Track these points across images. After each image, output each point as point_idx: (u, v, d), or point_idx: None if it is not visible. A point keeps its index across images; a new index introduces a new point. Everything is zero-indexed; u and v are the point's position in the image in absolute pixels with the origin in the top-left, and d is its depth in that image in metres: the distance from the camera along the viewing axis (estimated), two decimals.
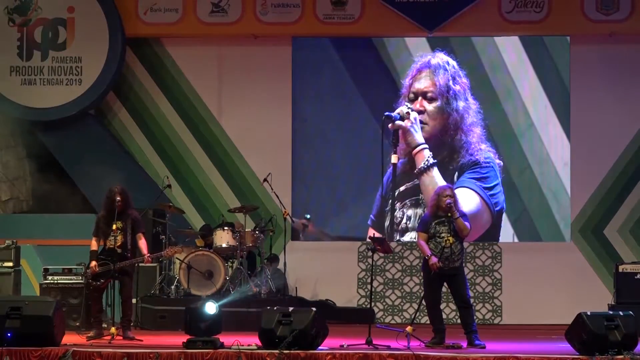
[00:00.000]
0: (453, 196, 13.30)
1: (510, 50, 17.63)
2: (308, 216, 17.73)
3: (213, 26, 17.61)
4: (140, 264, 14.76)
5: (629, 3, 17.01)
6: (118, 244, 13.81)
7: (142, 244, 14.00)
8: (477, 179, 17.36)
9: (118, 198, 13.71)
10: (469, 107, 17.36)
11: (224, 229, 16.23)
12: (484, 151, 17.31)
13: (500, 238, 17.59)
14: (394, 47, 17.66)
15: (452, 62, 17.41)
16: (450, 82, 17.38)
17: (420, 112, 17.39)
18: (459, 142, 17.34)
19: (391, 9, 17.28)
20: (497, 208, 17.36)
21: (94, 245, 13.88)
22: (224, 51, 17.91)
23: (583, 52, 17.56)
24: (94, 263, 13.78)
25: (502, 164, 17.39)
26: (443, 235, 13.17)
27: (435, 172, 17.29)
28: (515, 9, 17.31)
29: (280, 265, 16.78)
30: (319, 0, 17.51)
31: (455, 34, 17.54)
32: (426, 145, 17.30)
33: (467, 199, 16.96)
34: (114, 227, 13.79)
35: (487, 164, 17.28)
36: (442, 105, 17.38)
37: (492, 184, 17.36)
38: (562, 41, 17.60)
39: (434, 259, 13.09)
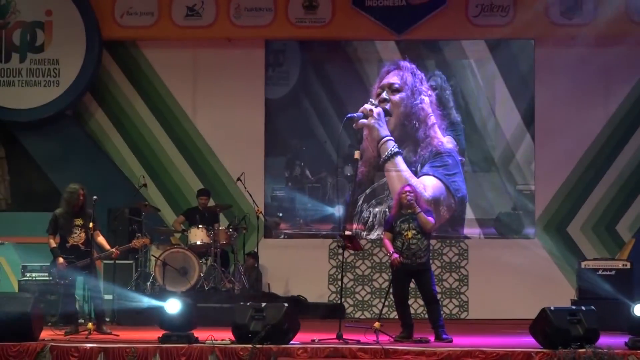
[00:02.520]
0: (413, 192, 13.41)
1: (477, 53, 17.71)
2: (280, 214, 17.80)
3: (188, 29, 17.64)
4: (117, 261, 14.80)
5: (592, 8, 17.12)
6: (81, 241, 13.83)
7: (102, 240, 14.09)
8: (439, 167, 17.43)
9: (81, 195, 13.80)
10: (432, 102, 17.44)
11: (198, 227, 16.29)
12: (445, 144, 17.40)
13: (464, 228, 17.66)
14: (364, 51, 17.70)
15: (418, 71, 17.52)
16: (417, 81, 17.47)
17: (384, 101, 17.40)
18: (422, 134, 17.40)
19: (361, 13, 17.35)
20: (460, 194, 17.43)
21: (53, 243, 13.85)
22: (198, 54, 17.95)
23: (547, 54, 17.67)
24: (61, 260, 13.81)
25: (463, 159, 17.48)
26: (404, 231, 13.31)
27: (399, 160, 17.34)
28: (482, 13, 17.40)
29: (253, 263, 16.85)
30: (291, 4, 17.55)
31: (423, 38, 17.63)
32: (391, 137, 17.37)
33: (431, 185, 17.15)
34: (75, 223, 13.84)
35: (449, 155, 17.37)
36: (407, 97, 17.42)
37: (453, 172, 17.43)
38: (527, 44, 17.70)
39: (395, 256, 13.21)
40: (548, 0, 17.23)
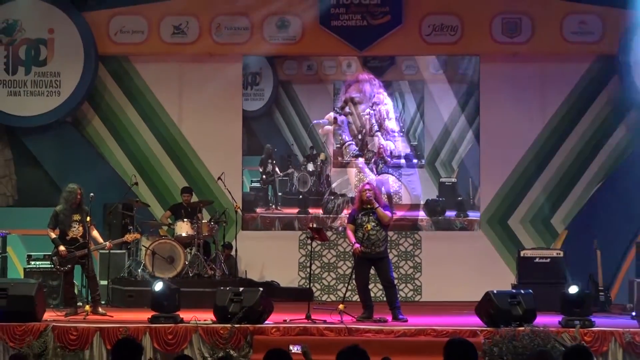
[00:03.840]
0: (372, 190, 13.48)
1: (429, 68, 17.73)
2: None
3: (174, 46, 17.57)
4: (111, 251, 14.80)
5: (530, 28, 17.17)
6: (80, 234, 13.99)
7: (96, 234, 14.27)
8: (396, 167, 17.49)
9: (78, 194, 13.90)
10: (388, 111, 17.49)
11: (183, 221, 16.28)
12: (399, 147, 17.47)
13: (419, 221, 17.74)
14: (324, 73, 17.71)
15: (376, 81, 17.54)
16: (374, 90, 17.50)
17: (348, 114, 17.49)
18: (380, 139, 17.46)
19: (327, 31, 17.32)
20: (414, 192, 17.49)
21: (52, 234, 14.05)
22: (183, 67, 17.86)
23: (491, 69, 17.67)
24: (63, 248, 13.86)
25: (418, 161, 17.54)
26: (365, 224, 13.37)
27: (360, 161, 17.49)
28: (433, 32, 17.40)
29: (233, 252, 16.85)
30: (265, 24, 17.50)
31: (382, 54, 17.61)
32: (352, 142, 17.46)
33: (390, 182, 17.26)
34: (73, 218, 13.93)
35: (404, 157, 17.46)
36: (366, 107, 17.50)
37: (409, 173, 17.50)
38: (473, 60, 17.71)
39: (356, 246, 13.32)
40: (491, 21, 17.27)
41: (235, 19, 17.48)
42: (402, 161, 17.46)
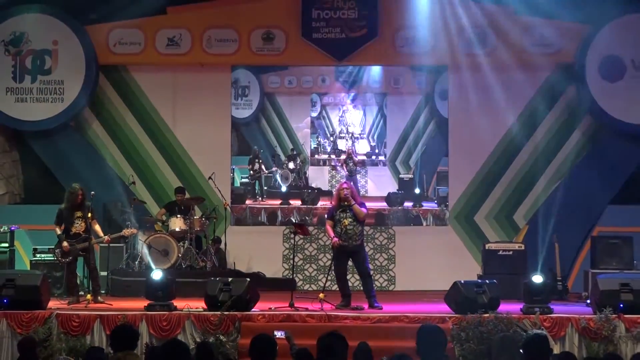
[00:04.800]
0: (349, 189, 13.52)
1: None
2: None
3: (168, 56, 17.51)
4: (110, 244, 14.77)
5: (494, 40, 17.16)
6: (82, 229, 14.07)
7: (98, 228, 14.33)
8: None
9: (80, 193, 13.94)
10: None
11: (177, 217, 16.27)
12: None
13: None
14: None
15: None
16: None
17: (323, 118, 17.67)
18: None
19: (309, 43, 17.29)
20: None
21: (58, 231, 14.19)
22: (177, 76, 17.81)
23: (458, 77, 17.66)
24: (66, 243, 13.90)
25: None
26: (342, 219, 13.43)
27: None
28: (406, 44, 17.38)
29: (222, 246, 16.84)
30: (252, 36, 17.45)
31: (359, 64, 17.65)
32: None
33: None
34: (76, 215, 13.97)
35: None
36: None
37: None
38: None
39: (334, 240, 13.37)
40: (458, 34, 17.29)
41: (224, 32, 17.43)
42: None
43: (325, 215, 14.44)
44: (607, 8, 16.91)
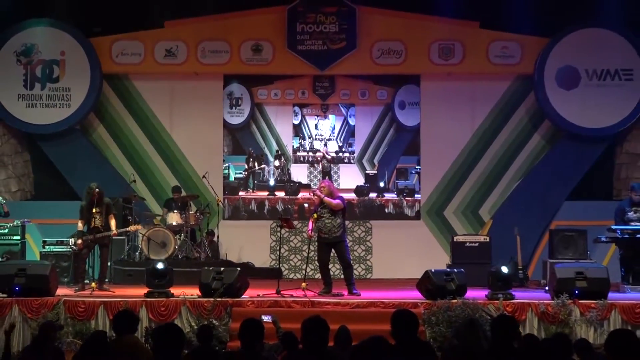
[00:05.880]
0: (327, 187, 13.56)
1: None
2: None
3: (166, 66, 17.47)
4: (114, 238, 14.73)
5: (461, 52, 17.22)
6: (100, 223, 13.99)
7: (113, 223, 14.22)
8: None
9: (96, 192, 13.91)
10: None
11: (174, 212, 16.24)
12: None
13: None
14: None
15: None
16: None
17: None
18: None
19: (294, 54, 17.30)
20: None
21: (80, 226, 14.10)
22: (174, 84, 17.77)
23: (430, 85, 17.72)
24: (80, 241, 13.91)
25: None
26: (322, 214, 13.48)
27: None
28: (382, 55, 17.41)
29: (215, 238, 16.82)
30: (242, 48, 17.44)
31: (340, 73, 17.64)
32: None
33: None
34: (94, 211, 13.94)
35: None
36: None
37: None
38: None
39: (309, 232, 13.48)
40: (429, 47, 17.31)
41: (217, 44, 17.41)
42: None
43: (311, 208, 14.43)
44: (564, 23, 17.01)
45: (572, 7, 16.68)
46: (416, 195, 17.72)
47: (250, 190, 17.71)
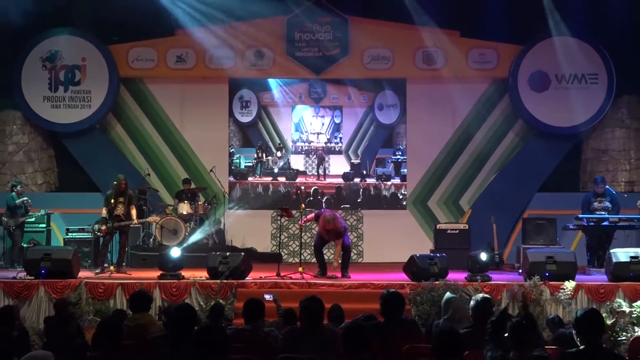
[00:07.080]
0: (334, 223, 13.57)
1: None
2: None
3: (177, 71, 17.44)
4: (132, 226, 14.71)
5: (443, 58, 17.18)
6: (123, 212, 14.05)
7: (134, 213, 14.22)
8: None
9: (123, 183, 13.93)
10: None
11: (184, 202, 16.23)
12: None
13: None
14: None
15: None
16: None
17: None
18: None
19: (292, 60, 17.28)
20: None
21: (104, 212, 14.15)
22: (184, 87, 17.73)
23: (415, 88, 17.72)
24: (104, 227, 13.89)
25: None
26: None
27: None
28: (372, 61, 17.40)
29: (221, 226, 16.80)
30: (246, 54, 17.42)
31: (334, 77, 17.63)
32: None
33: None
34: (119, 200, 13.97)
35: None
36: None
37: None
38: (402, 81, 17.77)
39: (300, 223, 13.53)
40: (415, 53, 17.30)
41: (223, 51, 17.37)
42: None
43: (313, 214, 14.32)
44: (536, 32, 16.99)
45: (544, 18, 16.66)
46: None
47: (258, 176, 17.84)
